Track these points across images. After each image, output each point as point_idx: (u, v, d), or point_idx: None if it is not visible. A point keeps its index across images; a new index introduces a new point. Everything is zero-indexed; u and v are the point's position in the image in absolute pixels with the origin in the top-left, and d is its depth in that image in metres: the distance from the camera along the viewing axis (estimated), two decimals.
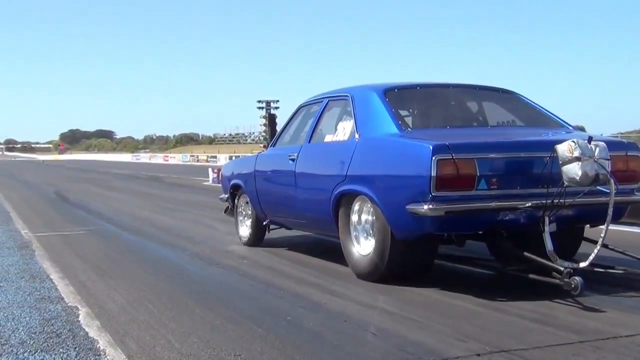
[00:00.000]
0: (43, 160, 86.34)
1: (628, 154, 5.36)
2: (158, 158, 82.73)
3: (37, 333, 4.10)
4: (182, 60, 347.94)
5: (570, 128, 5.94)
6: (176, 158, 76.06)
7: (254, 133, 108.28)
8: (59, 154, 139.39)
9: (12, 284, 5.66)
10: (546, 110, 6.23)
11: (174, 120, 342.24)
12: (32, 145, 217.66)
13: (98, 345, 3.84)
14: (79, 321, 4.37)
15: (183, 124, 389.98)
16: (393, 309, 4.59)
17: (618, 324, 4.15)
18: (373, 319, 4.32)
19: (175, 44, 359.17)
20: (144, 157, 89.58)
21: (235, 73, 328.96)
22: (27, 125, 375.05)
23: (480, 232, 5.39)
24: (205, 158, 65.38)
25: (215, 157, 61.46)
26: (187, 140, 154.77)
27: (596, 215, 5.13)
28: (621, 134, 58.38)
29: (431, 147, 4.78)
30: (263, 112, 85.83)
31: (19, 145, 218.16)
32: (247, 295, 5.21)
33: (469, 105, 6.43)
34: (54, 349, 3.78)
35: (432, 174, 4.72)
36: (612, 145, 5.27)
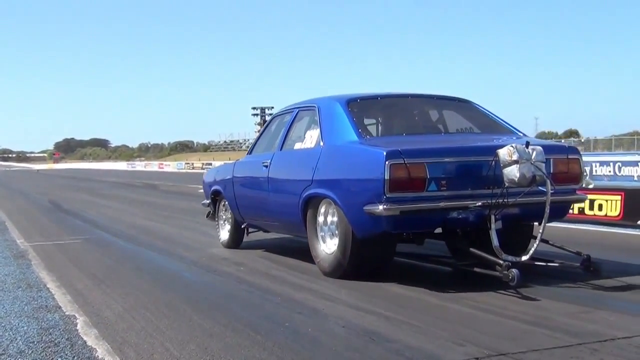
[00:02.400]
0: (38, 170, 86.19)
1: (569, 156, 5.84)
2: (153, 166, 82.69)
3: (35, 342, 4.09)
4: (176, 67, 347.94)
5: (520, 134, 6.34)
6: (171, 166, 76.01)
7: (248, 140, 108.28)
8: (54, 163, 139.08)
9: (9, 293, 5.65)
10: (499, 117, 6.65)
11: (169, 128, 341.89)
12: (27, 155, 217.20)
13: (96, 354, 3.83)
14: (76, 330, 4.37)
15: (178, 132, 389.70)
16: (390, 313, 4.60)
17: (615, 326, 4.17)
18: (371, 324, 4.32)
19: (169, 51, 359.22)
20: (139, 165, 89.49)
21: (230, 80, 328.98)
22: (22, 134, 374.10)
23: (440, 232, 5.74)
24: (200, 165, 65.38)
25: (211, 164, 61.30)
26: (182, 148, 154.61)
27: (540, 214, 5.41)
28: (615, 136, 58.62)
29: (385, 153, 5.23)
30: (258, 119, 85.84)
31: (13, 155, 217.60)
32: (245, 302, 5.21)
33: (426, 113, 6.88)
34: (53, 358, 3.77)
35: (386, 177, 5.17)
36: (554, 148, 5.95)
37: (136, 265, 7.23)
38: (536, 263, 5.50)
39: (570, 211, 10.03)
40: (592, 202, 9.85)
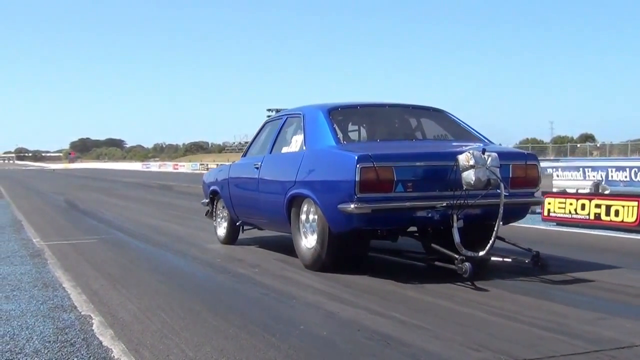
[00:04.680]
0: (54, 169, 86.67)
1: (527, 163, 6.40)
2: (168, 167, 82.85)
3: (52, 342, 4.11)
4: (192, 68, 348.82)
5: (487, 141, 6.86)
6: (186, 166, 76.14)
7: None
8: (70, 162, 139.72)
9: (25, 292, 5.68)
10: (469, 126, 7.22)
11: (184, 129, 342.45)
12: (43, 154, 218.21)
13: (112, 355, 3.85)
14: (92, 330, 4.38)
15: (192, 133, 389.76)
16: (405, 317, 4.59)
17: (633, 332, 4.14)
18: (386, 328, 4.31)
19: (185, 52, 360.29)
20: (154, 166, 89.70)
21: (245, 81, 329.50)
22: (38, 134, 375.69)
23: (414, 229, 6.44)
24: (215, 166, 65.44)
25: None
26: (196, 149, 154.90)
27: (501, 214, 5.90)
28: (631, 141, 58.30)
29: (356, 157, 5.79)
30: None
31: (29, 154, 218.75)
32: (260, 303, 5.21)
33: (400, 122, 7.40)
34: (69, 358, 3.79)
35: (357, 179, 5.71)
36: (514, 155, 6.63)
37: (151, 266, 7.26)
38: (493, 258, 5.98)
39: (587, 217, 10.05)
40: (608, 207, 9.79)
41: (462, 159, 5.75)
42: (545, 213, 10.92)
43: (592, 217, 10.04)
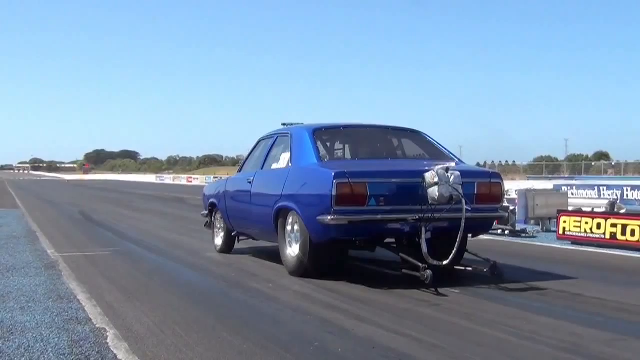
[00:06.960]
0: (68, 180, 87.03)
1: (491, 181, 6.99)
2: (182, 179, 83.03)
3: (66, 355, 4.11)
4: (207, 82, 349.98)
5: (457, 160, 7.50)
6: (200, 179, 76.21)
7: None
8: (84, 173, 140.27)
9: (40, 304, 5.68)
10: (443, 146, 7.85)
11: (198, 142, 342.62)
12: (58, 165, 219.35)
13: None
14: (107, 343, 4.38)
15: (206, 146, 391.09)
16: (421, 335, 4.56)
17: None
18: (402, 346, 4.28)
19: (199, 65, 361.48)
20: (168, 179, 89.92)
21: (260, 95, 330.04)
22: (53, 145, 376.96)
23: (391, 241, 7.09)
24: None
25: None
26: (210, 162, 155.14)
27: (466, 227, 6.47)
28: None
29: (333, 174, 6.40)
30: None
31: (44, 165, 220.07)
32: (274, 319, 5.20)
33: (379, 141, 7.99)
34: None
35: (333, 193, 6.31)
36: (479, 174, 7.27)
37: (165, 279, 7.26)
38: (456, 267, 6.65)
39: (602, 236, 9.97)
40: (624, 227, 9.71)
41: (428, 176, 6.33)
42: (561, 232, 10.85)
43: (608, 236, 9.96)
